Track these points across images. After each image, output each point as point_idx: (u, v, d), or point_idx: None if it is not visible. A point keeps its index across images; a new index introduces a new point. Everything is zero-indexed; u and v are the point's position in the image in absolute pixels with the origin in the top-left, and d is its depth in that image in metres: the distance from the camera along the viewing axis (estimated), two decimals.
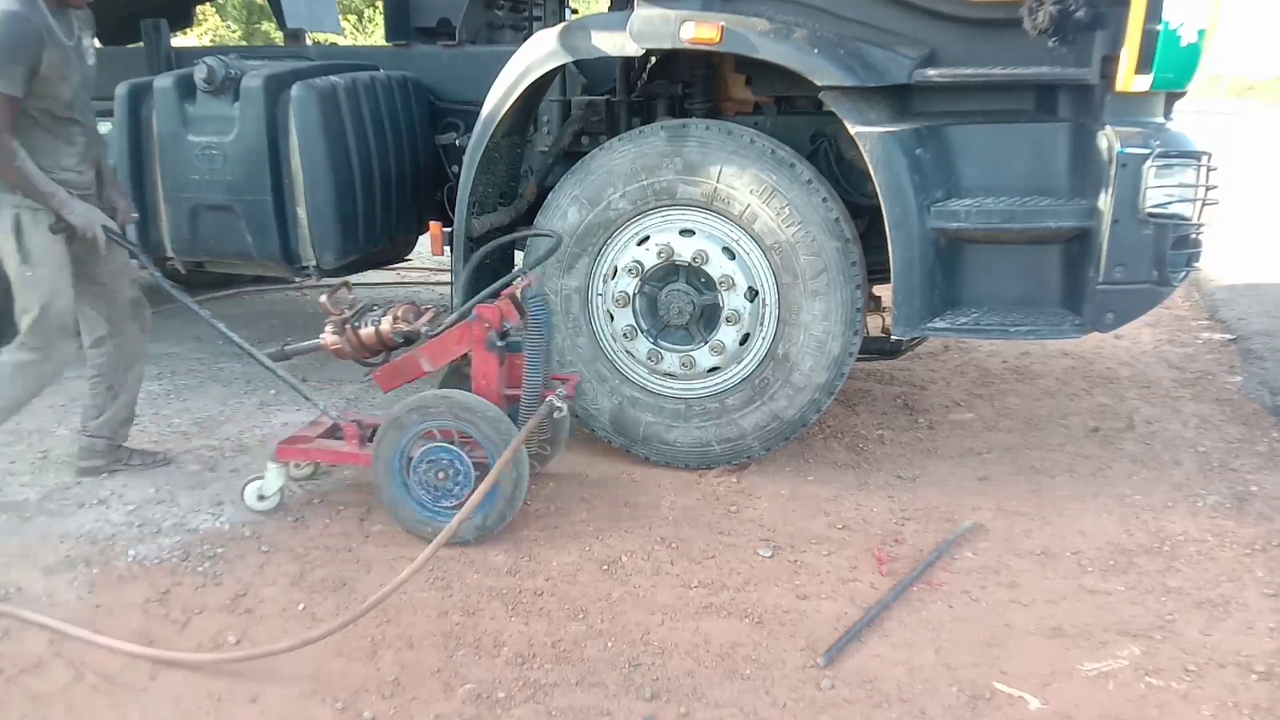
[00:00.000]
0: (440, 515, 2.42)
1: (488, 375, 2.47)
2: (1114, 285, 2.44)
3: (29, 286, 2.50)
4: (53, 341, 2.56)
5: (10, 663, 2.01)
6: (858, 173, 2.78)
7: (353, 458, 2.59)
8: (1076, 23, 2.24)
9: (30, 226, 2.45)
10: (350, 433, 2.58)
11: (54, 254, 2.50)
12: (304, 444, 2.63)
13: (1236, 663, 2.03)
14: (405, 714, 1.87)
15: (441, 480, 2.43)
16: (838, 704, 1.91)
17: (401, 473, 2.47)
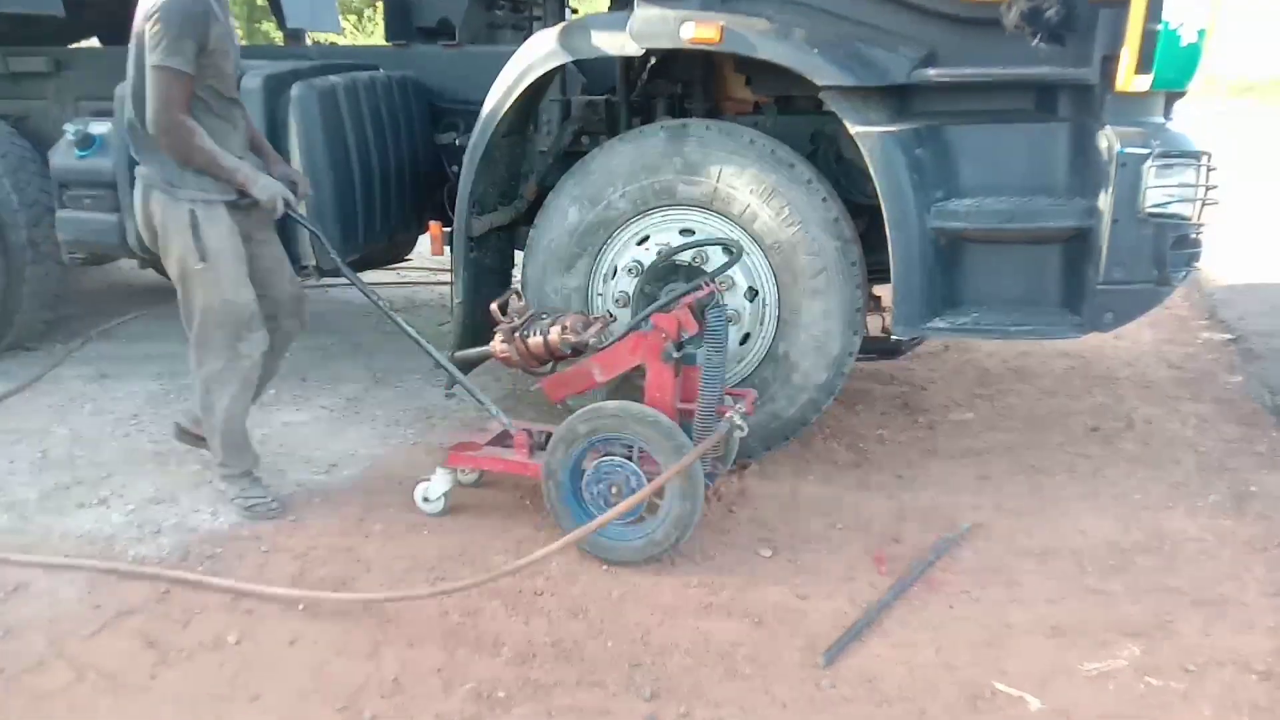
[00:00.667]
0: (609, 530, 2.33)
1: (662, 388, 2.38)
2: (1114, 285, 2.44)
3: (208, 285, 2.40)
4: (241, 334, 2.46)
5: (11, 662, 2.02)
6: (857, 172, 2.78)
7: (521, 467, 2.52)
8: (1047, 21, 2.25)
9: (206, 221, 2.37)
10: (520, 441, 2.52)
11: (232, 247, 2.42)
12: (472, 451, 2.59)
13: (1236, 662, 2.03)
14: (406, 713, 1.88)
15: (614, 495, 2.34)
16: (838, 703, 1.91)
17: (573, 484, 2.40)
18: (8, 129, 3.84)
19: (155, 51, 2.22)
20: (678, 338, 2.37)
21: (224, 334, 2.45)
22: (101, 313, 4.62)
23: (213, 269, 2.38)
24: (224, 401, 2.52)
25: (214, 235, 2.38)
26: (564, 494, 2.39)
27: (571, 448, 2.36)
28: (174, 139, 2.28)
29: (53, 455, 3.06)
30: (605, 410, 2.35)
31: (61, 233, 3.57)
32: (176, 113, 2.25)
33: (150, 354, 4.09)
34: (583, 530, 2.21)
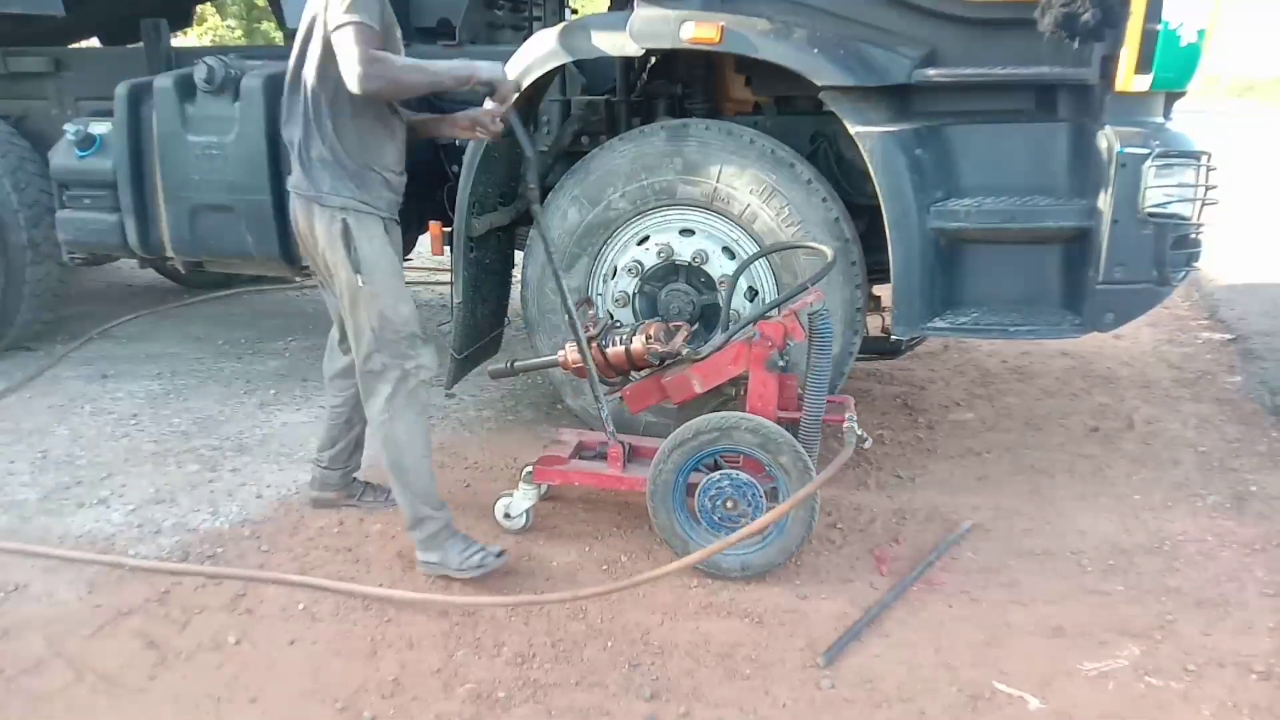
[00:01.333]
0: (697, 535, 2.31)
1: (765, 398, 2.31)
2: (1113, 285, 2.44)
3: (365, 299, 2.19)
4: (405, 352, 2.23)
5: (10, 663, 2.01)
6: (858, 173, 2.78)
7: (616, 481, 2.43)
8: (1084, 25, 2.24)
9: (359, 231, 2.18)
10: (614, 454, 2.42)
11: (387, 259, 2.23)
12: (559, 465, 2.48)
13: (1236, 662, 2.03)
14: (405, 714, 1.88)
15: (730, 509, 2.26)
16: (838, 703, 1.91)
17: (683, 498, 2.33)
18: (8, 129, 3.84)
19: (338, 10, 2.02)
20: (784, 346, 2.32)
21: (392, 356, 2.23)
22: (101, 313, 4.62)
23: (369, 282, 2.19)
24: (402, 434, 2.26)
25: (367, 247, 2.19)
26: (674, 506, 2.32)
27: (684, 460, 2.28)
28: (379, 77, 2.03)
29: (53, 455, 3.06)
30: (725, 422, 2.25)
31: (61, 233, 3.57)
32: (370, 52, 2.01)
33: (150, 354, 4.09)
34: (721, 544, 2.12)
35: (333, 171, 2.17)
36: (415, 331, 2.26)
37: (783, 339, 2.30)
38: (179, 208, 3.24)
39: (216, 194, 3.17)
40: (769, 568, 2.29)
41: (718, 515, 2.29)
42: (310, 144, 2.18)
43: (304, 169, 2.21)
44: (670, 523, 2.33)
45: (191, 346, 4.21)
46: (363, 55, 2.01)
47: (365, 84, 2.03)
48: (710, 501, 2.28)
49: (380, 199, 2.24)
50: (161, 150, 3.21)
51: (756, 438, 2.23)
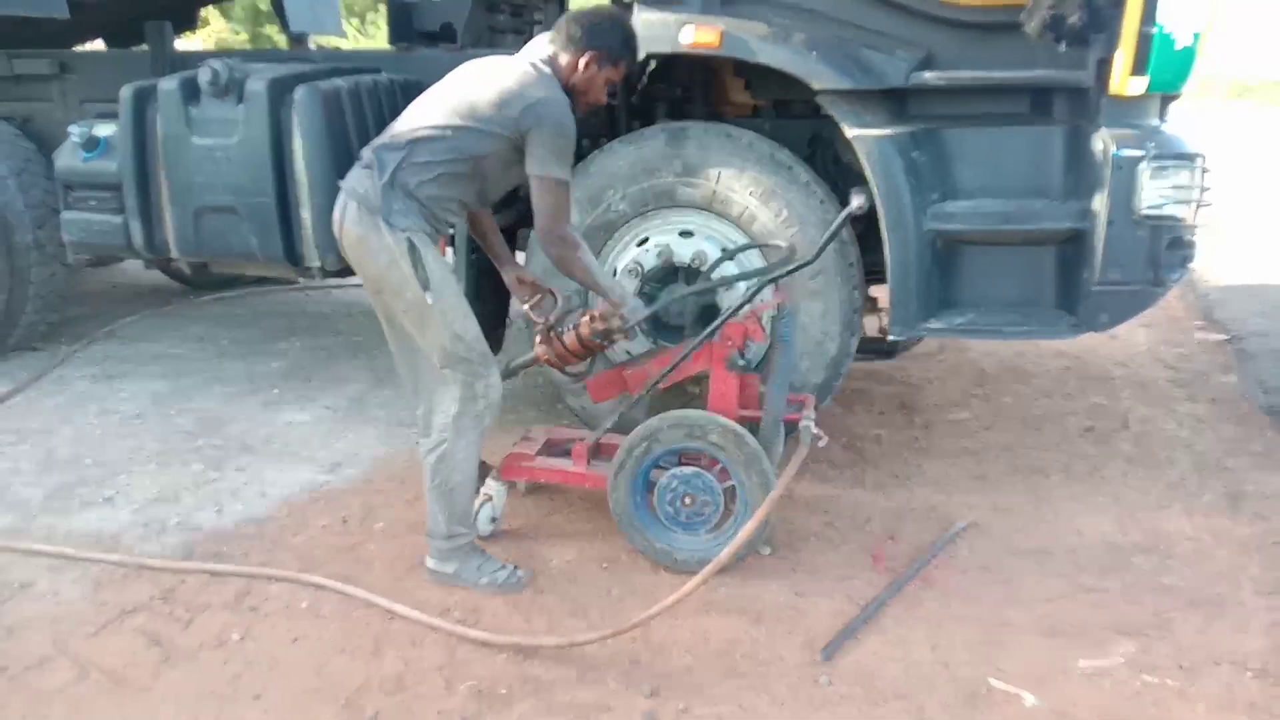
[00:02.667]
0: (682, 542, 2.34)
1: (726, 397, 2.35)
2: (1109, 286, 2.46)
3: (435, 316, 2.15)
4: (476, 371, 2.20)
5: (14, 660, 2.03)
6: (855, 175, 2.80)
7: (580, 478, 2.47)
8: (1070, 28, 2.26)
9: (426, 249, 2.15)
10: (579, 451, 2.46)
11: (453, 279, 2.26)
12: (526, 463, 2.51)
13: (1231, 661, 2.04)
14: (408, 710, 1.89)
15: (689, 504, 2.31)
16: (835, 700, 1.92)
17: (643, 495, 2.36)
18: (13, 131, 3.86)
19: (549, 160, 2.12)
20: (743, 347, 2.35)
21: (466, 375, 2.20)
22: (106, 313, 4.64)
23: (438, 300, 2.14)
24: (460, 452, 2.22)
25: (434, 263, 2.15)
26: (633, 503, 2.35)
27: (645, 457, 2.31)
28: (562, 249, 2.20)
29: (58, 455, 3.08)
30: (687, 420, 2.28)
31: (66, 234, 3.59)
32: (566, 224, 2.19)
33: (155, 354, 4.11)
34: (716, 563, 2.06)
35: (404, 201, 2.14)
36: (486, 350, 2.25)
37: (743, 339, 2.34)
38: (183, 209, 3.25)
39: (221, 196, 3.18)
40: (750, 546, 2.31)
41: (683, 515, 2.33)
42: (404, 169, 2.14)
43: (380, 183, 2.13)
44: (636, 521, 2.36)
45: (196, 347, 4.23)
46: (556, 232, 2.17)
47: (545, 247, 2.21)
48: (669, 501, 2.33)
49: (432, 234, 2.24)
50: (166, 152, 3.23)
51: (681, 431, 2.28)
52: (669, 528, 2.36)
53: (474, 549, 2.32)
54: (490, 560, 2.32)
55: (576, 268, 2.25)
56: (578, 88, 2.24)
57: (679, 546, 2.34)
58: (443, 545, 2.29)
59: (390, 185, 2.14)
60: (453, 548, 2.28)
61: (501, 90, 2.13)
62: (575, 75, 2.22)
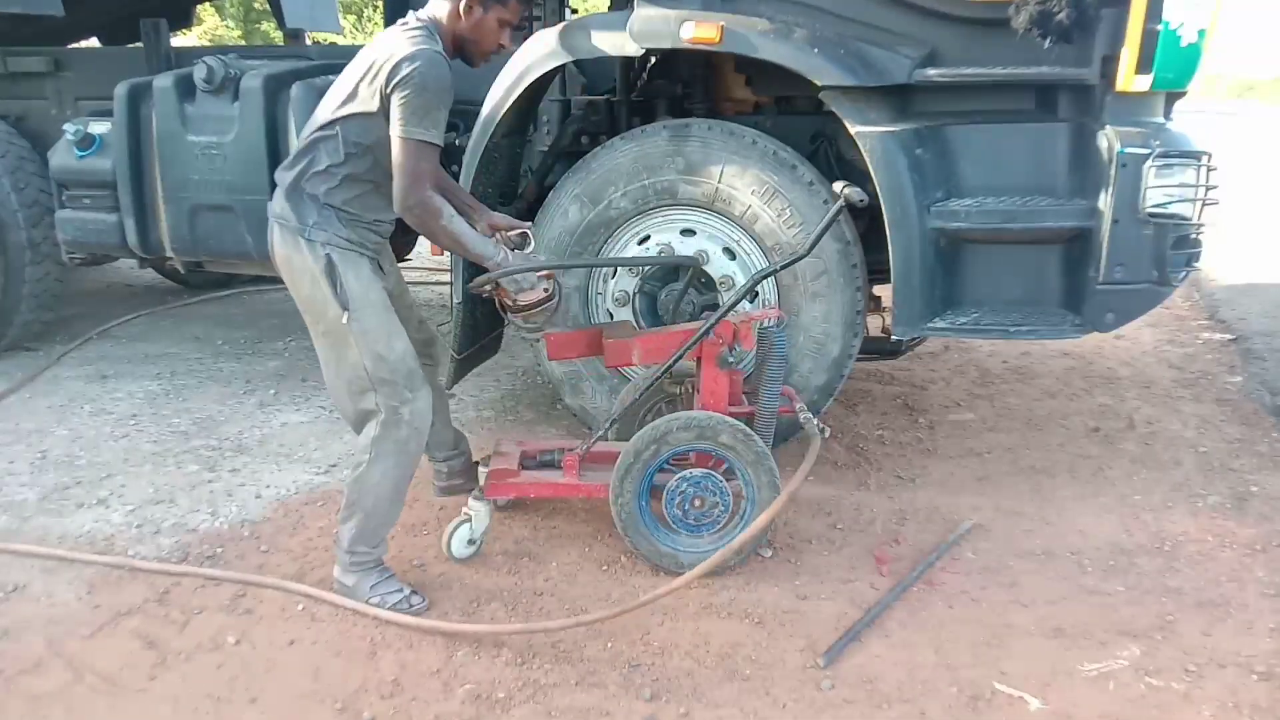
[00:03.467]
0: (685, 543, 2.31)
1: (716, 394, 2.33)
2: (1114, 285, 2.44)
3: (356, 337, 2.07)
4: (400, 395, 2.11)
5: (9, 663, 2.01)
6: (858, 173, 2.77)
7: (573, 489, 2.39)
8: (1058, 24, 2.24)
9: (344, 267, 2.07)
10: (570, 463, 2.37)
11: (376, 293, 2.12)
12: (512, 479, 2.40)
13: (1236, 663, 2.03)
14: (405, 714, 1.87)
15: (698, 506, 2.27)
16: (838, 704, 1.91)
17: (648, 499, 2.31)
18: (7, 129, 3.84)
19: (408, 119, 1.98)
20: (732, 344, 2.33)
21: (385, 397, 2.11)
22: (101, 313, 4.62)
23: (359, 320, 2.07)
24: (375, 475, 2.15)
25: (354, 282, 2.08)
26: (641, 513, 2.30)
27: (646, 466, 2.26)
28: (421, 216, 2.03)
29: (52, 455, 3.06)
30: (690, 422, 2.25)
31: (61, 233, 3.57)
32: (425, 189, 2.01)
33: (150, 354, 4.09)
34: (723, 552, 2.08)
35: (319, 210, 2.09)
36: (413, 368, 2.15)
37: (733, 338, 2.32)
38: (178, 208, 3.24)
39: (216, 194, 3.17)
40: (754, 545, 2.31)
41: (691, 518, 2.30)
42: (309, 180, 2.08)
43: (290, 197, 2.09)
44: (651, 545, 2.32)
45: (191, 347, 4.21)
46: (413, 195, 1.99)
47: (402, 212, 2.03)
48: (678, 504, 2.29)
49: (366, 240, 2.16)
50: (161, 150, 3.21)
51: (691, 432, 2.24)
52: (675, 531, 2.33)
53: (374, 567, 2.23)
54: (388, 581, 2.22)
55: (440, 235, 2.09)
56: (468, 38, 2.14)
57: (684, 549, 2.32)
58: (344, 558, 2.22)
59: (299, 196, 2.07)
60: (351, 563, 2.22)
61: (370, 62, 2.02)
62: (460, 24, 2.11)
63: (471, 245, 2.12)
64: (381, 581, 2.22)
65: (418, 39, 2.03)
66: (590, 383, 2.92)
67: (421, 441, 2.20)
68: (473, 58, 2.19)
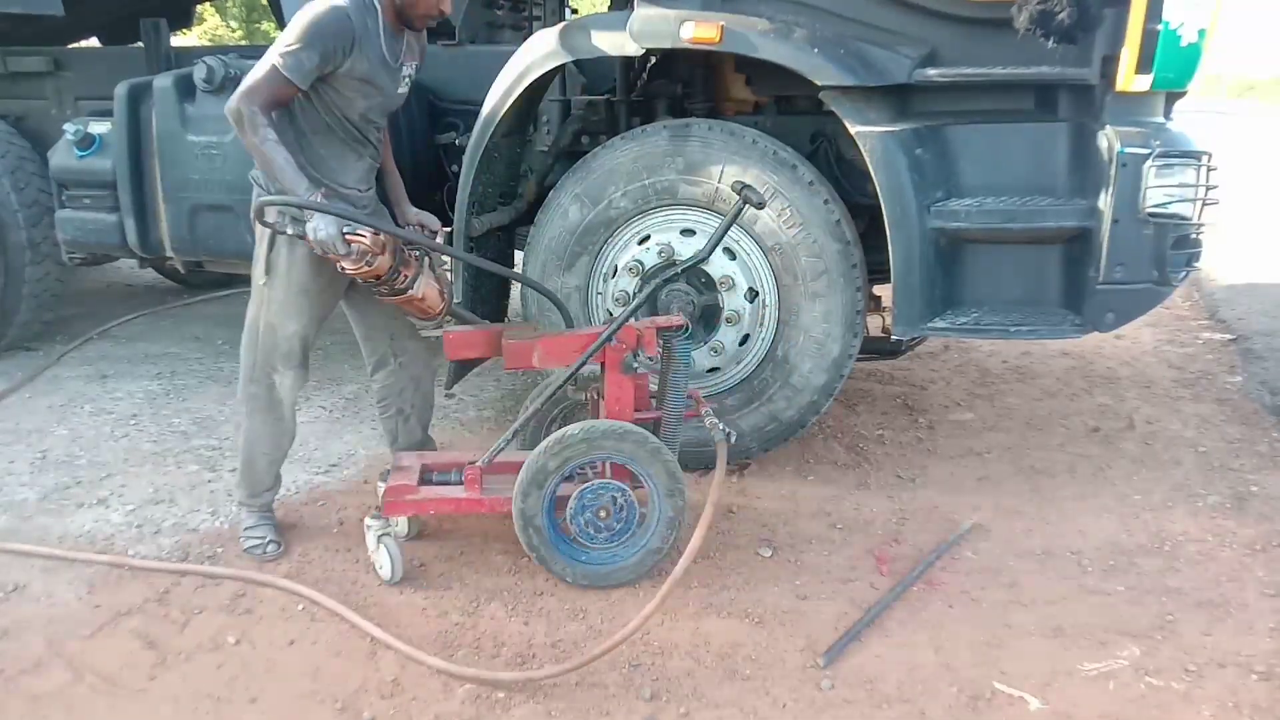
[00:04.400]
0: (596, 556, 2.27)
1: (622, 400, 2.31)
2: (1114, 285, 2.43)
3: (264, 300, 2.30)
4: (274, 364, 2.33)
5: (10, 663, 2.01)
6: (858, 173, 2.78)
7: (476, 505, 2.30)
8: (1059, 24, 2.24)
9: (282, 240, 2.24)
10: (472, 476, 2.30)
11: (300, 273, 2.26)
12: (410, 495, 2.31)
13: (1237, 663, 2.03)
14: (405, 714, 1.87)
15: (604, 517, 2.23)
16: (838, 704, 1.90)
17: (553, 521, 2.26)
18: (7, 129, 3.84)
19: (279, 46, 2.11)
20: (635, 349, 2.30)
21: (262, 357, 2.34)
22: (101, 313, 4.62)
23: (270, 289, 2.28)
24: (247, 426, 2.41)
25: (283, 259, 2.25)
26: (547, 536, 2.24)
27: (545, 486, 2.20)
28: (240, 121, 2.11)
29: (52, 455, 3.06)
30: (577, 437, 2.18)
31: (61, 232, 3.57)
32: (255, 102, 2.09)
33: (150, 354, 4.09)
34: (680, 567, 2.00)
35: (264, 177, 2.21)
36: (292, 350, 2.34)
37: (635, 344, 2.29)
38: (178, 207, 3.24)
39: (216, 194, 3.17)
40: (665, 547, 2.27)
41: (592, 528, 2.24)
42: None
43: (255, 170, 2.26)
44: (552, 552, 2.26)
45: (191, 346, 4.21)
46: (242, 100, 2.10)
47: (226, 108, 2.13)
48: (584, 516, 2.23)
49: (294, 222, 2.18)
50: (161, 150, 3.21)
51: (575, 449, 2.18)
52: (587, 546, 2.27)
53: (260, 513, 2.48)
54: (259, 527, 2.45)
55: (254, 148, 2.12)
56: (406, 2, 2.22)
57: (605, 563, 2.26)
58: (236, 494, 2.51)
59: None
60: (240, 500, 2.48)
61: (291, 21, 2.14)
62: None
63: (282, 172, 2.11)
64: (257, 524, 2.46)
65: None
66: None
67: (288, 414, 2.42)
68: (412, 21, 2.27)
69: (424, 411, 2.64)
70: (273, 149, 2.10)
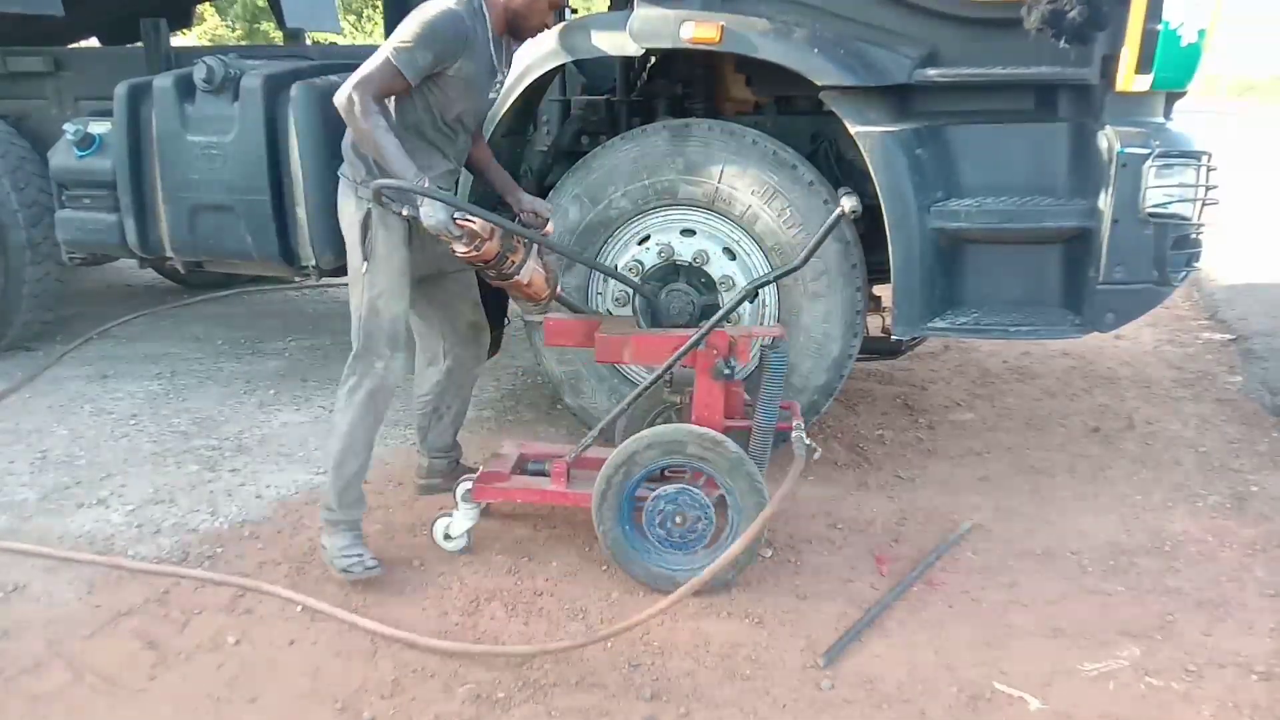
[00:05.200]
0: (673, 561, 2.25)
1: (711, 406, 2.30)
2: (1114, 285, 2.43)
3: (363, 285, 2.27)
4: (379, 350, 2.29)
5: (10, 663, 2.01)
6: (858, 173, 2.77)
7: (560, 497, 2.35)
8: (1070, 23, 2.23)
9: (378, 223, 2.24)
10: (559, 470, 2.33)
11: (399, 257, 2.28)
12: (500, 483, 2.38)
13: (1236, 663, 2.02)
14: (405, 714, 1.87)
15: (680, 523, 2.22)
16: (838, 704, 1.90)
17: (632, 521, 2.26)
18: (7, 129, 3.84)
19: (395, 42, 2.14)
20: (727, 356, 2.29)
21: (371, 345, 2.30)
22: (101, 313, 4.62)
23: (371, 272, 2.26)
24: (348, 425, 2.31)
25: (381, 240, 2.25)
26: (622, 535, 2.25)
27: (624, 486, 2.22)
28: (352, 109, 2.13)
29: (52, 455, 3.06)
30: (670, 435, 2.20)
31: (61, 233, 3.57)
32: (368, 93, 2.11)
33: (150, 354, 4.09)
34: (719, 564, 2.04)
35: (369, 165, 2.24)
36: (397, 333, 2.31)
37: (727, 351, 2.28)
38: (178, 208, 3.24)
39: (216, 194, 3.17)
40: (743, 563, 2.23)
41: (676, 535, 2.23)
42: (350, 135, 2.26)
43: (349, 153, 2.30)
44: (623, 543, 2.26)
45: (191, 347, 4.21)
46: (356, 90, 2.11)
47: (337, 97, 2.14)
48: (659, 523, 2.23)
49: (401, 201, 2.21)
50: (161, 150, 3.21)
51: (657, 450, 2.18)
52: (663, 550, 2.26)
53: (349, 528, 2.34)
54: (356, 547, 2.32)
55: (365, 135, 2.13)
56: (519, 13, 2.26)
57: (678, 568, 2.23)
58: (323, 516, 2.35)
59: (354, 152, 2.26)
60: (328, 521, 2.34)
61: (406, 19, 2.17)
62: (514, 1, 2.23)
63: (394, 158, 2.14)
64: (351, 545, 2.32)
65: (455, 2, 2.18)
66: (590, 383, 2.92)
67: (388, 400, 2.36)
68: (520, 33, 2.32)
69: (459, 416, 2.68)
70: (383, 135, 2.13)
